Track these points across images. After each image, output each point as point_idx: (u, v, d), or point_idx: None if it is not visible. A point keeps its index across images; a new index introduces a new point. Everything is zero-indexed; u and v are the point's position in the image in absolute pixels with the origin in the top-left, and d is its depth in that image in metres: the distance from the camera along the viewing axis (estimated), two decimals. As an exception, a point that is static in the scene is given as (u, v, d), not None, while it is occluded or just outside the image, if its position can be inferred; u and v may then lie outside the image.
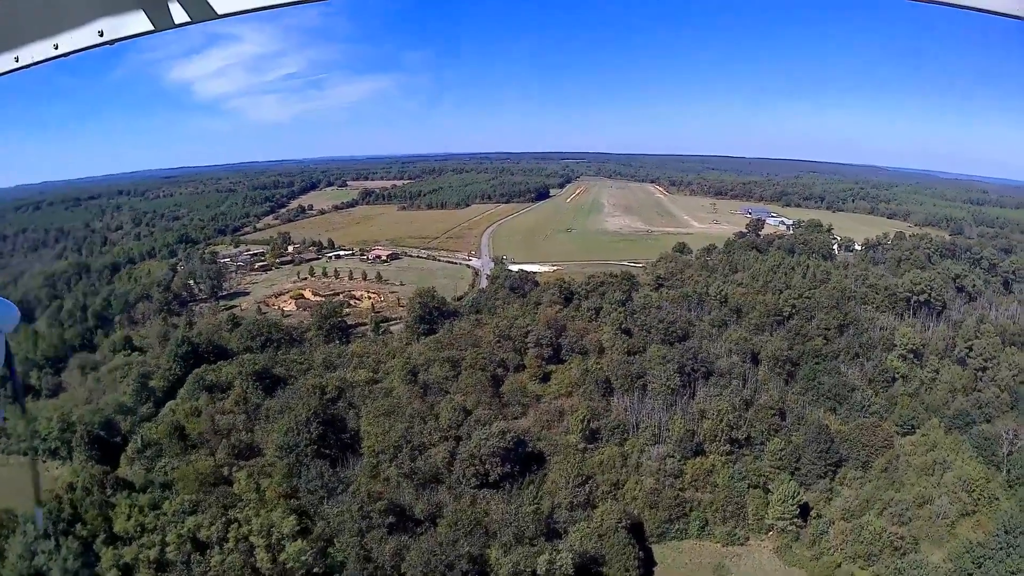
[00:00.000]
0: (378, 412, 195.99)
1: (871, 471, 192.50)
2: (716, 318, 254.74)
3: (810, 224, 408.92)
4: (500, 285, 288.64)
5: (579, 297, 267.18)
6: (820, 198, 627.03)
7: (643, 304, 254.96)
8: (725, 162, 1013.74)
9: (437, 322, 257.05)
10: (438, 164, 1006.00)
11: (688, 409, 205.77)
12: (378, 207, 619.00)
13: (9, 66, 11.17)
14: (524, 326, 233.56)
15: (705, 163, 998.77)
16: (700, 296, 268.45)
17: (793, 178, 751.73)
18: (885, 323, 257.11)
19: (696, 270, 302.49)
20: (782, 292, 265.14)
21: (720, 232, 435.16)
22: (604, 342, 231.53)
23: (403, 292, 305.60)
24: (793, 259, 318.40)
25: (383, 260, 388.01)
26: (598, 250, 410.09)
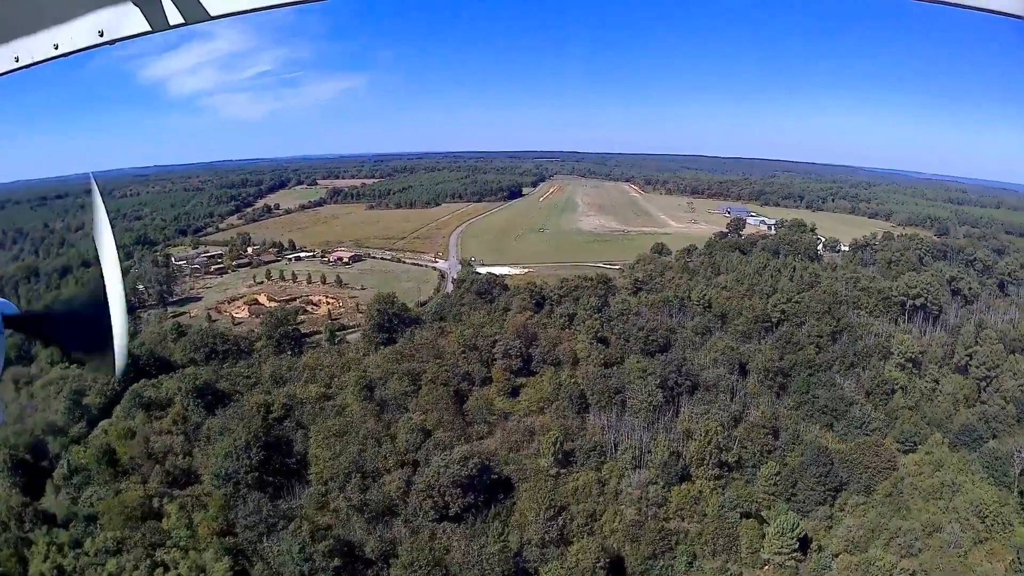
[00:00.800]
0: (328, 433, 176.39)
1: (874, 496, 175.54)
2: (699, 325, 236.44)
3: (793, 224, 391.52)
4: (466, 290, 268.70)
5: (551, 302, 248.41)
6: (799, 197, 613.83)
7: (620, 310, 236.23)
8: (700, 161, 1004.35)
9: (397, 330, 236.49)
10: (411, 162, 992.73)
11: (672, 428, 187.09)
12: (346, 206, 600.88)
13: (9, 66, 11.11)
14: (491, 335, 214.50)
15: (680, 162, 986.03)
16: (682, 301, 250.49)
17: (769, 177, 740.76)
18: (880, 329, 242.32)
19: (676, 272, 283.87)
20: (769, 296, 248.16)
21: (699, 232, 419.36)
22: (579, 352, 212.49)
23: (364, 297, 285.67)
24: (779, 261, 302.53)
25: (345, 262, 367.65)
26: (572, 251, 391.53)
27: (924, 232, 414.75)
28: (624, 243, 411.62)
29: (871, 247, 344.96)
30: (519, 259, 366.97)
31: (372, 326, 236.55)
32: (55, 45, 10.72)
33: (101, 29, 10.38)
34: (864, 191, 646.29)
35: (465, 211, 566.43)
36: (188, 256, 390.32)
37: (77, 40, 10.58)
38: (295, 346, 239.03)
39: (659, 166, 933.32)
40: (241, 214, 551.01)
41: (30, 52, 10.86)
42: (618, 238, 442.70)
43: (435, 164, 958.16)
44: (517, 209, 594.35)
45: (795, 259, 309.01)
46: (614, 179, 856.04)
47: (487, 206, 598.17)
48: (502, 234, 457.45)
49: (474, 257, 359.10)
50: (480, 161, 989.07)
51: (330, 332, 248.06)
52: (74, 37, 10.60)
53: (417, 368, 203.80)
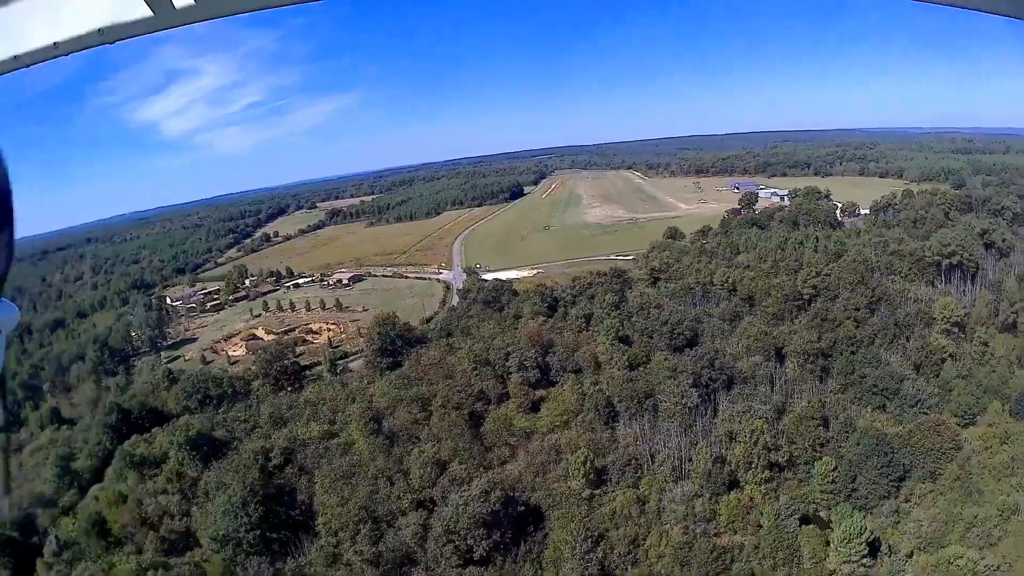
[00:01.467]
0: (335, 476, 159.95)
1: (941, 481, 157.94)
2: (727, 311, 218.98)
3: (808, 192, 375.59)
4: (473, 300, 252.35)
5: (565, 304, 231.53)
6: (806, 164, 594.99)
7: (640, 304, 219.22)
8: (698, 141, 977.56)
9: (402, 352, 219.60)
10: (409, 175, 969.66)
11: (711, 430, 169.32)
12: (346, 226, 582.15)
13: (9, 65, 11.08)
14: (504, 347, 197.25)
15: (679, 144, 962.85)
16: (704, 287, 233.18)
17: (771, 148, 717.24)
18: (917, 294, 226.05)
19: (694, 257, 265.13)
20: (797, 272, 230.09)
21: (711, 212, 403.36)
22: (600, 355, 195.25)
23: (366, 319, 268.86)
24: (800, 232, 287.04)
25: (345, 284, 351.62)
26: (581, 246, 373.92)
27: (941, 186, 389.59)
28: (635, 231, 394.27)
29: (892, 207, 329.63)
30: (526, 261, 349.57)
31: (374, 351, 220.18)
32: (55, 44, 10.53)
33: (101, 29, 10.22)
34: (870, 151, 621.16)
35: (466, 217, 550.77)
36: (184, 295, 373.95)
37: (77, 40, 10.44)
38: (294, 381, 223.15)
39: (658, 150, 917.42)
40: (240, 246, 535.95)
41: (30, 52, 10.66)
42: (627, 227, 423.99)
43: (433, 174, 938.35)
44: (520, 209, 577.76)
45: (816, 228, 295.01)
46: (615, 168, 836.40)
47: (489, 209, 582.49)
48: (506, 236, 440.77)
49: (479, 264, 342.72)
50: (479, 166, 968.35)
51: (331, 362, 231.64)
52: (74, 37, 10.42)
53: (427, 392, 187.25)
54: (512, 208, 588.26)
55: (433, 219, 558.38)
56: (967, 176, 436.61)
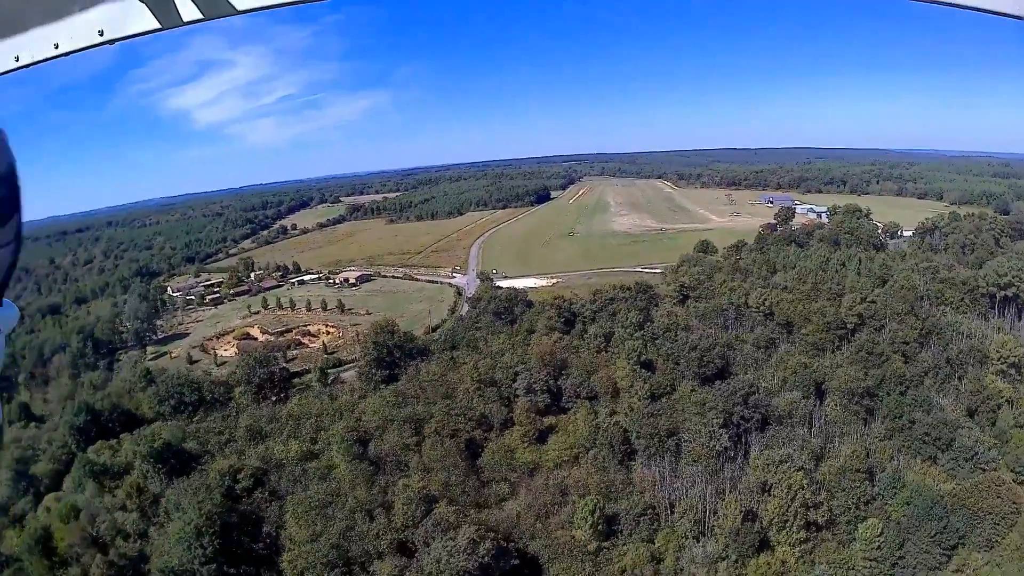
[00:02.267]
0: (308, 506, 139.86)
1: (999, 551, 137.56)
2: (762, 337, 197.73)
3: (848, 210, 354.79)
4: (483, 310, 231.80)
5: (583, 320, 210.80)
6: (842, 182, 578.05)
7: (666, 325, 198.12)
8: (729, 154, 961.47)
9: (400, 365, 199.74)
10: (436, 174, 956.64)
11: (741, 478, 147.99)
12: (365, 222, 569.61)
13: (9, 65, 11.08)
14: (512, 365, 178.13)
15: (710, 157, 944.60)
16: (737, 308, 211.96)
17: (804, 164, 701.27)
18: (970, 328, 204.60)
19: (727, 274, 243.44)
20: (839, 296, 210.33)
21: (744, 226, 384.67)
22: (619, 381, 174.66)
23: (368, 324, 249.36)
24: (841, 253, 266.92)
25: (351, 284, 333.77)
26: (606, 255, 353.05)
27: (984, 210, 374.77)
28: (664, 243, 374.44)
29: (939, 230, 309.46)
30: (546, 268, 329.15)
31: (369, 362, 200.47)
32: (55, 44, 10.44)
33: (102, 28, 10.10)
34: (906, 170, 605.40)
35: (489, 219, 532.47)
36: (185, 286, 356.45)
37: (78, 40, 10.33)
38: (280, 390, 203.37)
39: (689, 161, 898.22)
40: (255, 237, 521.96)
41: (30, 52, 10.61)
42: (656, 238, 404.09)
43: (460, 174, 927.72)
44: (545, 213, 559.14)
45: (858, 249, 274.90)
46: (645, 177, 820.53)
47: (513, 212, 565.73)
48: (528, 241, 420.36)
49: (495, 269, 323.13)
50: (508, 168, 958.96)
51: (320, 371, 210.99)
52: (75, 36, 10.32)
53: (422, 413, 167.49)
54: (537, 212, 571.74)
55: (455, 219, 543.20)
56: (1010, 201, 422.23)
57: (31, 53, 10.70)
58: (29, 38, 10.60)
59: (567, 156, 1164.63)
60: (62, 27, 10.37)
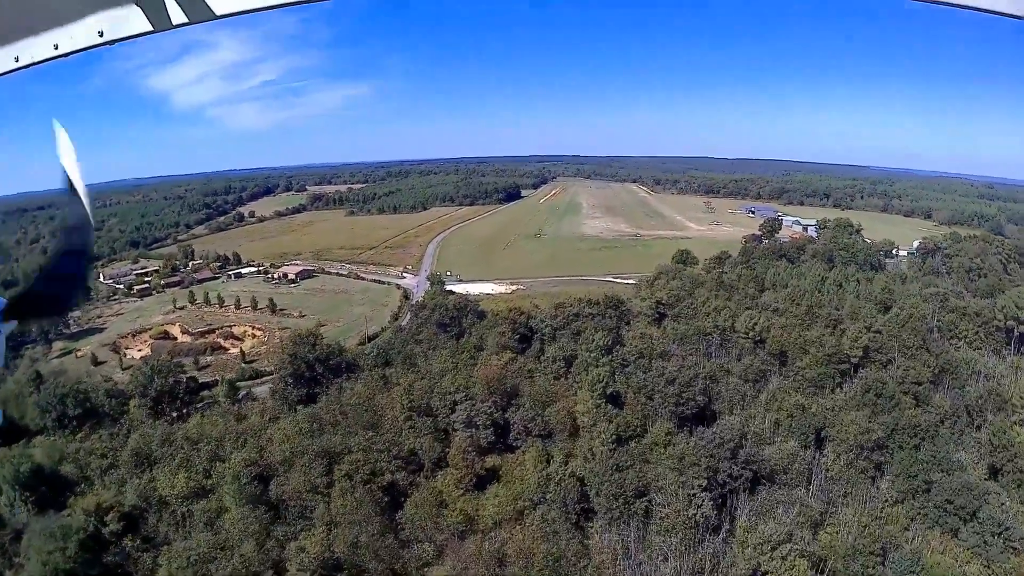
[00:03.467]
0: (184, 562, 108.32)
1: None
2: (751, 368, 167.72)
3: (839, 224, 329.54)
4: (427, 319, 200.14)
5: (542, 338, 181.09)
6: (825, 195, 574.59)
7: (639, 349, 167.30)
8: (707, 163, 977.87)
9: (323, 382, 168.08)
10: (409, 168, 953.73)
11: (726, 552, 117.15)
12: (325, 212, 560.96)
13: (9, 66, 11.16)
14: (453, 390, 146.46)
15: (686, 164, 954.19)
16: (723, 332, 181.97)
17: (784, 175, 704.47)
18: (987, 366, 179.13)
19: (710, 290, 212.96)
20: (838, 323, 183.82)
21: (725, 235, 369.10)
22: (579, 416, 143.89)
23: (300, 328, 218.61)
24: (837, 271, 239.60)
25: (291, 280, 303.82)
26: (574, 261, 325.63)
27: (982, 231, 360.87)
28: (638, 249, 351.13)
29: (941, 252, 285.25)
30: (506, 273, 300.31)
31: (284, 378, 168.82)
32: (55, 45, 10.57)
33: (101, 29, 10.24)
34: (890, 187, 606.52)
35: (454, 216, 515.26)
36: (117, 274, 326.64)
37: (77, 40, 10.46)
38: (182, 405, 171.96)
39: (665, 168, 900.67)
40: (209, 224, 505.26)
41: (30, 52, 10.73)
42: (629, 244, 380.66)
43: (432, 169, 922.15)
44: (513, 212, 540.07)
45: (855, 269, 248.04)
46: (621, 180, 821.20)
47: (480, 210, 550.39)
48: (490, 241, 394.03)
49: (449, 271, 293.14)
50: (482, 165, 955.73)
51: (229, 384, 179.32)
52: (74, 37, 10.46)
53: (338, 446, 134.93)
54: (505, 210, 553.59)
55: (418, 214, 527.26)
56: (1003, 223, 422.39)
57: (31, 54, 10.59)
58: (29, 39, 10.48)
59: (543, 156, 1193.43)
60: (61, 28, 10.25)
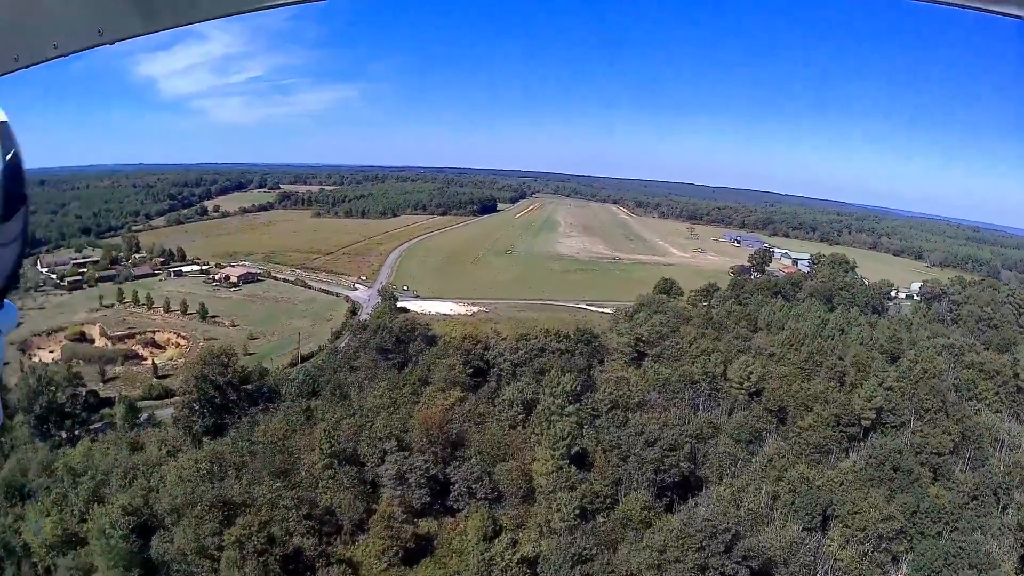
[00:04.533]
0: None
1: None
2: (745, 426, 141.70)
3: (834, 260, 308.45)
4: (366, 343, 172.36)
5: (500, 374, 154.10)
6: (811, 228, 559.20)
7: (613, 397, 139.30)
8: (687, 189, 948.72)
9: (236, 411, 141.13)
10: (389, 173, 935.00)
11: None
12: (291, 212, 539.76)
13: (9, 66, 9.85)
14: (386, 434, 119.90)
15: (668, 189, 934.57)
16: (712, 380, 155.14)
17: (768, 207, 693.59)
18: (1011, 433, 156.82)
19: (697, 328, 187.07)
20: (843, 375, 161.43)
21: (710, 264, 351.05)
22: (537, 477, 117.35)
23: (231, 338, 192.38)
24: (839, 314, 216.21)
25: (232, 284, 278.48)
26: (545, 282, 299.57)
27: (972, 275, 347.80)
28: (615, 274, 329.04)
29: (947, 296, 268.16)
30: (470, 291, 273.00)
31: (189, 403, 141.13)
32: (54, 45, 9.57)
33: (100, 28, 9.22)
34: (876, 224, 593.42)
35: (424, 224, 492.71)
36: (54, 262, 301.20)
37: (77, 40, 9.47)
38: (74, 426, 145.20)
39: (646, 191, 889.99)
40: (168, 215, 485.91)
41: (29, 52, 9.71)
42: (607, 267, 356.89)
43: (410, 176, 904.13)
44: (486, 225, 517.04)
45: (856, 311, 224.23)
46: (601, 201, 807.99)
47: (452, 220, 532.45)
48: (458, 255, 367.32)
49: (406, 286, 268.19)
50: (462, 176, 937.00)
51: (128, 406, 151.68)
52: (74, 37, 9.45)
53: (239, 496, 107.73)
54: (477, 223, 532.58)
55: (386, 220, 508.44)
56: (999, 268, 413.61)
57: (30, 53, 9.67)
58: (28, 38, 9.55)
59: (523, 172, 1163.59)
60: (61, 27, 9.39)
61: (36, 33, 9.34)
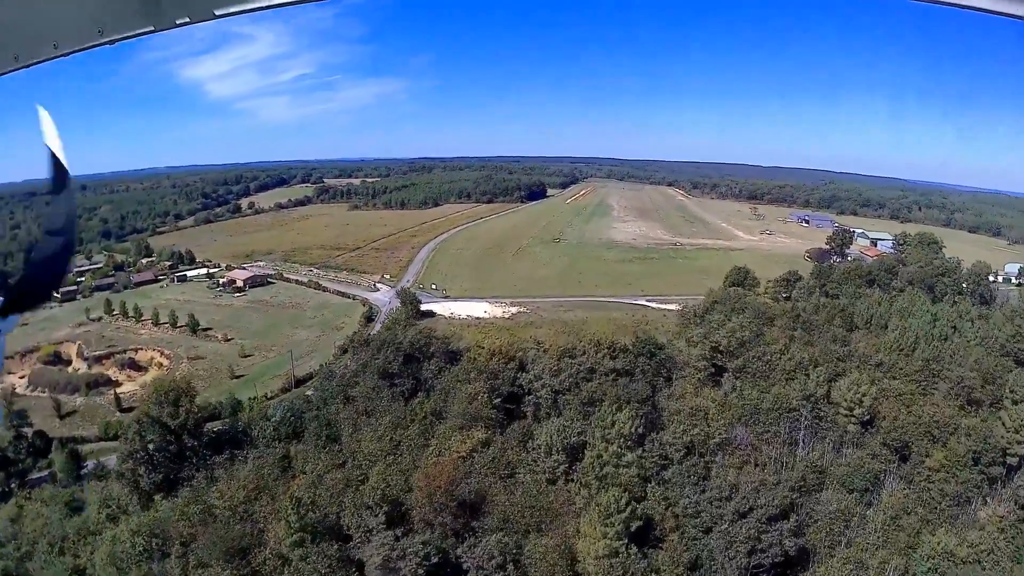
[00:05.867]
0: None
1: None
2: (859, 470, 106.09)
3: (922, 240, 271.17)
4: (366, 364, 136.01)
5: (536, 402, 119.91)
6: (879, 206, 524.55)
7: (686, 439, 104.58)
8: (742, 170, 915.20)
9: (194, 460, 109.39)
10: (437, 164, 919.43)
11: None
12: (328, 206, 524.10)
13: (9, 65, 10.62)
14: (377, 496, 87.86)
15: (723, 171, 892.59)
16: (814, 403, 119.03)
17: (828, 184, 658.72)
18: None
19: (783, 328, 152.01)
20: (968, 390, 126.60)
21: (781, 247, 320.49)
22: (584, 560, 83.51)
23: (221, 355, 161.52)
24: (948, 308, 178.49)
25: (237, 289, 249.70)
26: (597, 274, 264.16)
27: None
28: (678, 262, 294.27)
29: None
30: (509, 289, 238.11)
31: (133, 453, 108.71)
32: (55, 44, 10.25)
33: (101, 28, 9.96)
34: (945, 201, 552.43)
35: (467, 213, 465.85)
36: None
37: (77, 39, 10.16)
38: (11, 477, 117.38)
39: (701, 172, 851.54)
40: (197, 216, 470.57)
41: (30, 51, 10.32)
42: (667, 254, 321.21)
43: (459, 165, 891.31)
44: (533, 212, 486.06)
45: (969, 304, 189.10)
46: (655, 184, 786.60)
47: (498, 208, 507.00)
48: (499, 245, 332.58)
49: (434, 284, 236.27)
50: (512, 163, 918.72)
51: (68, 453, 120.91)
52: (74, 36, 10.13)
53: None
54: (524, 210, 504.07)
55: (427, 211, 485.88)
56: None
57: (31, 53, 10.26)
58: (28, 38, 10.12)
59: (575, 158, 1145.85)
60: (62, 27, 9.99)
61: (36, 32, 9.56)
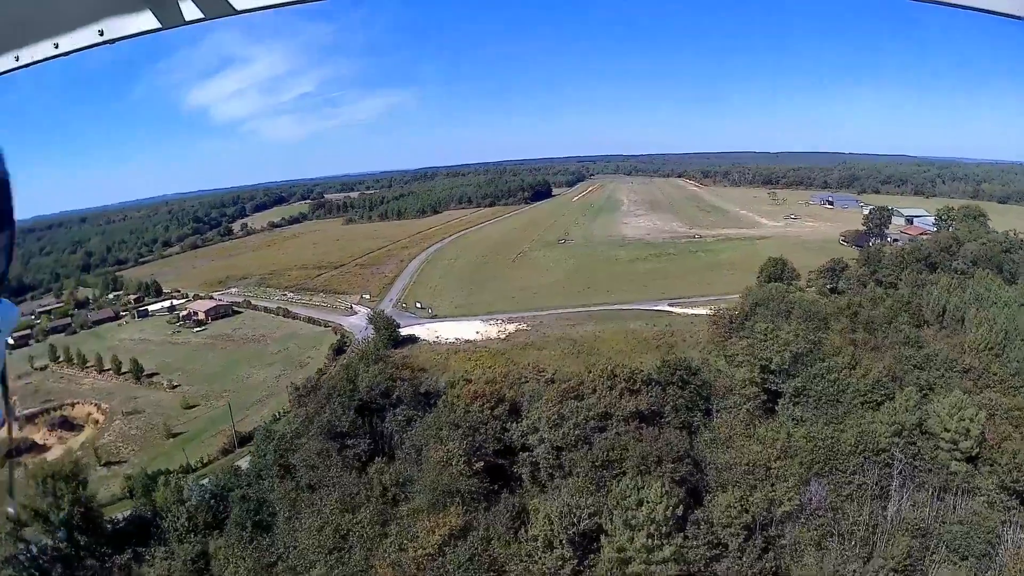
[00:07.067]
0: None
1: None
2: (974, 530, 75.92)
3: (967, 214, 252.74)
4: (310, 419, 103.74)
5: (532, 461, 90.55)
6: (901, 182, 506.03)
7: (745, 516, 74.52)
8: (750, 157, 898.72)
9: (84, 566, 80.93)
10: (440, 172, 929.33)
11: None
12: (323, 222, 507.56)
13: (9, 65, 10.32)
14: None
15: (729, 160, 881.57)
16: (906, 436, 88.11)
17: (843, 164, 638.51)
18: None
19: (844, 332, 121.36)
20: None
21: (811, 233, 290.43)
22: None
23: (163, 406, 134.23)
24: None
25: (199, 322, 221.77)
26: (609, 276, 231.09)
27: None
28: (700, 256, 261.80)
29: None
30: (507, 302, 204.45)
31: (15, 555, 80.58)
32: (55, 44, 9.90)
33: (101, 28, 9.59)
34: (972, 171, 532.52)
35: (467, 219, 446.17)
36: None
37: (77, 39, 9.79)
38: None
39: (709, 162, 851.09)
40: (185, 241, 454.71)
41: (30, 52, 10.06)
42: (686, 248, 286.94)
43: (462, 171, 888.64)
44: (538, 213, 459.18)
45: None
46: (664, 176, 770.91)
47: (501, 210, 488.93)
48: (497, 251, 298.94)
49: (419, 303, 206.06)
50: (517, 166, 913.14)
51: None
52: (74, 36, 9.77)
53: None
54: (529, 211, 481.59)
55: (425, 219, 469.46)
56: None
57: (31, 53, 10.01)
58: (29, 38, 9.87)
59: (581, 157, 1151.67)
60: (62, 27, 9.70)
61: (37, 33, 9.41)
